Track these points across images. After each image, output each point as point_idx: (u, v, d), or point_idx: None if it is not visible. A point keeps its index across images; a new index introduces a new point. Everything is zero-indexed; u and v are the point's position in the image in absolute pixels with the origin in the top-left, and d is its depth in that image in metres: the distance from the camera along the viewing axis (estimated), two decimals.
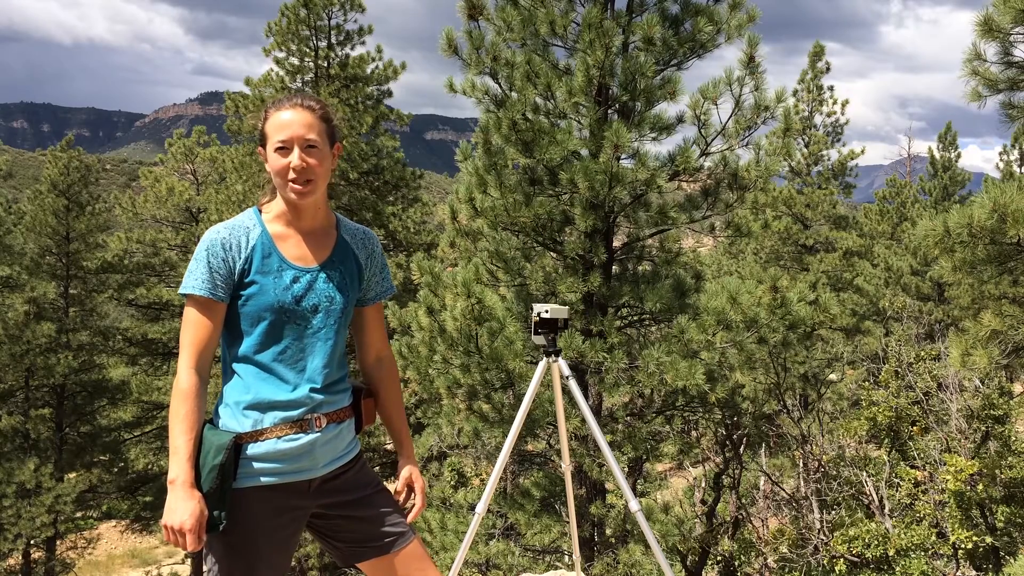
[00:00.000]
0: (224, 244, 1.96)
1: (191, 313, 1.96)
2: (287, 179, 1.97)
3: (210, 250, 1.95)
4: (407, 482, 2.25)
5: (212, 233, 1.97)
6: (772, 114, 6.56)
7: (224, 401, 2.01)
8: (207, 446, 1.92)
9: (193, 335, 1.96)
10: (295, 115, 1.98)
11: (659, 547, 2.31)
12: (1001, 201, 5.30)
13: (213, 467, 1.89)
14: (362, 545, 2.13)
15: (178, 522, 1.84)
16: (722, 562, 9.68)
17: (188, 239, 21.21)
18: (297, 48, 15.93)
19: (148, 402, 20.68)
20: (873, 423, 9.66)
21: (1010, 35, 5.71)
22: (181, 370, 1.94)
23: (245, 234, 2.00)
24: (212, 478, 1.88)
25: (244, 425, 1.96)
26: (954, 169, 21.38)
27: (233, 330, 2.02)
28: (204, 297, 1.95)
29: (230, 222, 2.01)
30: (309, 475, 2.03)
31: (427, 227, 19.43)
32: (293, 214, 2.05)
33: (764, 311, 6.66)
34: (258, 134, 2.04)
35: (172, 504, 1.85)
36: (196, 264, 1.95)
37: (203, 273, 1.94)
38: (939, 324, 18.57)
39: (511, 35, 6.80)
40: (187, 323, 1.96)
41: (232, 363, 2.03)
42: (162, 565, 24.27)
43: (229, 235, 1.98)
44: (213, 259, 1.95)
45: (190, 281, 1.95)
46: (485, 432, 7.31)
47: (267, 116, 2.02)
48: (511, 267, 7.08)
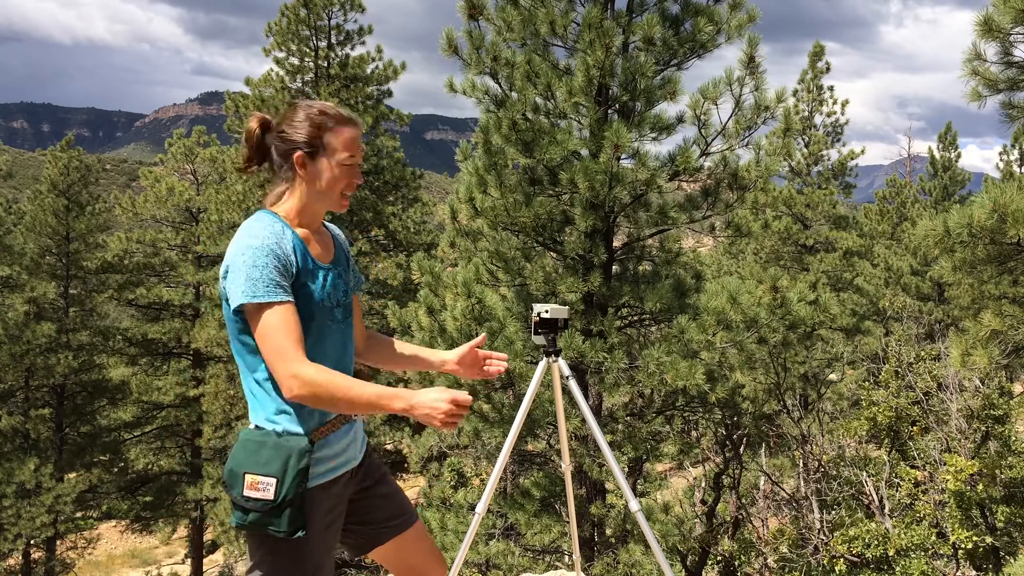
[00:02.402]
0: (278, 250, 1.93)
1: (277, 317, 1.89)
2: (343, 193, 2.04)
3: (270, 257, 1.90)
4: (467, 356, 2.30)
5: (258, 240, 1.91)
6: (772, 114, 6.57)
7: (279, 409, 1.97)
8: (285, 452, 1.90)
9: (293, 334, 1.89)
10: (358, 133, 2.04)
11: (659, 547, 2.31)
12: (1001, 201, 5.30)
13: (298, 471, 1.88)
14: (384, 525, 2.21)
15: (443, 399, 1.87)
16: (722, 562, 9.68)
17: (188, 239, 21.21)
18: (297, 48, 15.94)
19: (148, 402, 20.68)
20: (873, 423, 9.66)
21: (1010, 35, 5.71)
22: (303, 367, 1.86)
23: (285, 238, 1.98)
24: (297, 483, 1.88)
25: (308, 426, 1.97)
26: (954, 169, 21.38)
27: None
28: (286, 301, 1.91)
29: (264, 229, 1.95)
30: (353, 463, 2.12)
31: (427, 227, 19.44)
32: (309, 217, 2.06)
33: (764, 311, 6.66)
34: (308, 141, 2.00)
35: (425, 400, 1.88)
36: (261, 272, 1.88)
37: (274, 278, 1.90)
38: (939, 324, 18.57)
39: (511, 35, 6.81)
40: (277, 327, 1.88)
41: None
42: (162, 565, 24.27)
43: (276, 241, 1.94)
44: (279, 264, 1.92)
45: (264, 289, 1.88)
46: (485, 432, 7.31)
47: (330, 126, 2.01)
48: (511, 267, 7.09)
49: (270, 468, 1.88)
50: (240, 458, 1.92)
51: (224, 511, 15.22)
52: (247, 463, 1.90)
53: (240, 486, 1.88)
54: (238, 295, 1.88)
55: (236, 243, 1.93)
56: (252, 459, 1.90)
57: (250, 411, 2.02)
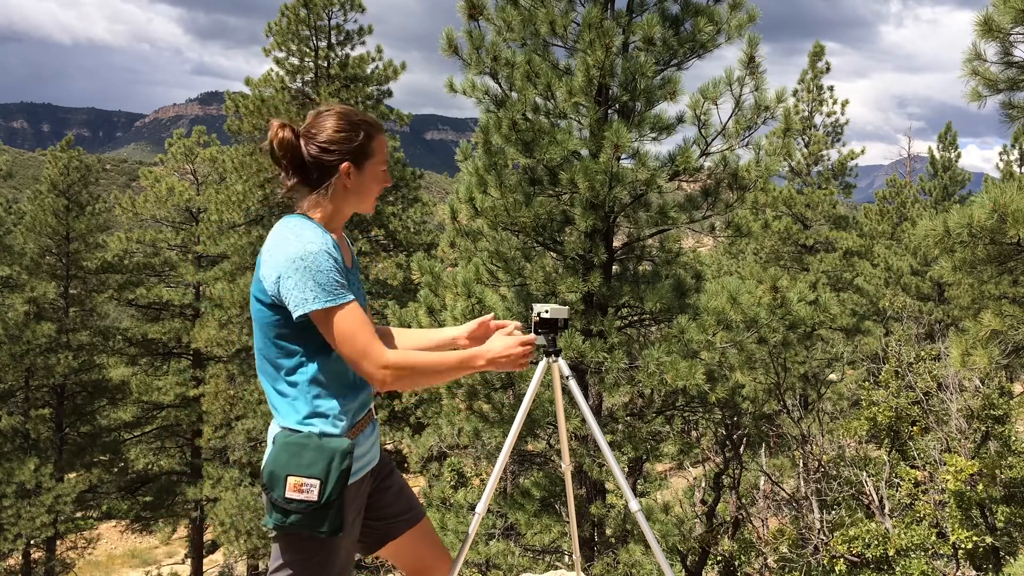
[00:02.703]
0: (334, 252, 1.95)
1: (351, 316, 1.92)
2: (377, 195, 2.13)
3: (330, 260, 1.92)
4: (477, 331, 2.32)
5: (315, 246, 1.92)
6: (772, 114, 6.57)
7: (313, 413, 1.98)
8: (328, 454, 1.92)
9: (368, 328, 1.95)
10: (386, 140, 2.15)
11: (659, 547, 2.31)
12: (1001, 201, 5.30)
13: (341, 472, 1.91)
14: (397, 519, 2.25)
15: (513, 343, 2.05)
16: (722, 562, 9.67)
17: (188, 239, 21.21)
18: (297, 48, 15.94)
19: (148, 402, 20.69)
20: (873, 423, 9.66)
21: (1010, 35, 5.71)
22: (388, 357, 1.93)
23: (332, 246, 1.98)
24: (341, 484, 1.91)
25: (342, 428, 1.99)
26: (954, 169, 21.38)
27: (313, 340, 1.98)
28: (353, 299, 1.95)
29: (315, 234, 1.96)
30: (375, 463, 2.17)
31: (427, 227, 19.44)
32: (338, 222, 2.10)
33: (764, 311, 6.66)
34: (355, 147, 2.03)
35: (499, 350, 2.05)
36: (327, 276, 1.90)
37: (339, 280, 1.92)
38: (939, 324, 18.57)
39: (511, 35, 6.81)
40: (354, 326, 1.92)
41: (317, 374, 1.99)
42: (162, 565, 24.27)
43: (331, 245, 1.96)
44: (337, 266, 1.94)
45: (334, 293, 1.90)
46: (485, 432, 7.31)
47: (373, 133, 2.07)
48: (511, 267, 7.08)
49: (314, 470, 1.89)
50: (283, 460, 1.92)
51: (224, 511, 15.21)
52: (290, 465, 1.90)
53: (282, 488, 1.89)
54: (305, 302, 1.88)
55: (287, 249, 1.91)
56: (295, 461, 1.91)
57: (279, 414, 2.01)
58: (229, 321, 15.55)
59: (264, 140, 13.75)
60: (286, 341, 1.97)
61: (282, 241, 1.94)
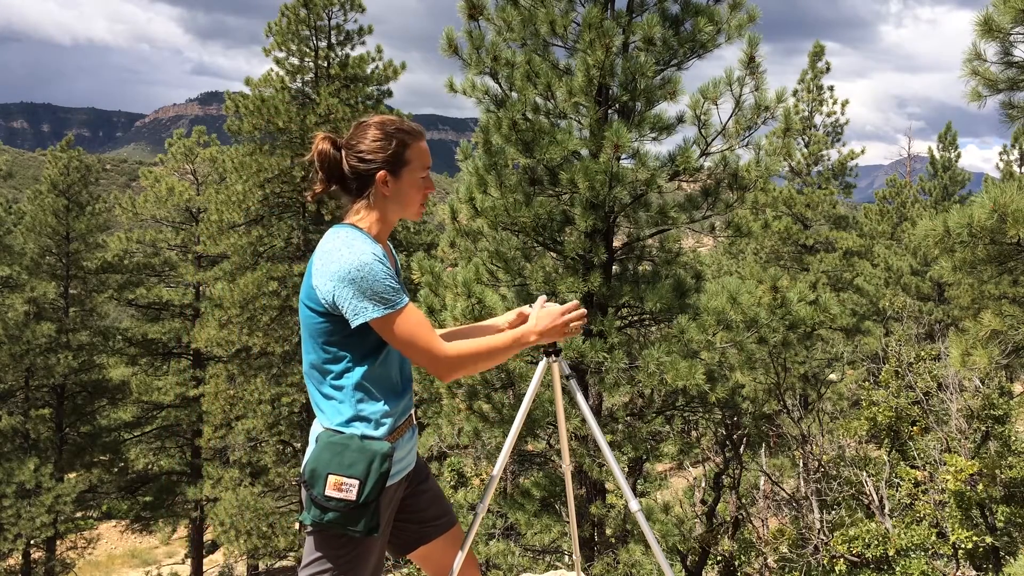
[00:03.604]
0: (384, 263, 2.00)
1: (410, 320, 2.00)
2: (421, 203, 2.14)
3: (382, 267, 1.98)
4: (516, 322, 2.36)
5: (367, 256, 1.97)
6: (772, 114, 6.56)
7: (356, 416, 2.04)
8: (368, 456, 1.98)
9: (427, 328, 2.03)
10: (426, 143, 2.15)
11: (659, 547, 2.31)
12: (1001, 201, 5.30)
13: (380, 474, 1.98)
14: (431, 523, 2.30)
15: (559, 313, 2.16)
16: (722, 562, 9.67)
17: (188, 239, 21.21)
18: (297, 48, 15.93)
19: (148, 402, 20.68)
20: (873, 423, 9.66)
21: (1010, 35, 5.71)
22: (448, 354, 2.02)
23: (382, 255, 2.03)
24: (380, 486, 1.98)
25: (383, 432, 2.05)
26: (954, 169, 21.39)
27: (365, 348, 2.04)
28: (408, 302, 2.02)
29: (365, 243, 2.01)
30: (411, 467, 2.21)
31: (427, 227, 19.45)
32: (384, 231, 2.14)
33: (764, 311, 6.66)
34: (388, 158, 2.07)
35: (547, 323, 2.16)
36: (383, 284, 1.96)
37: (393, 285, 1.99)
38: (939, 324, 18.58)
39: (511, 35, 6.80)
40: (414, 330, 2.00)
41: (361, 379, 2.05)
42: (162, 565, 24.27)
43: (381, 253, 2.02)
44: (388, 271, 1.99)
45: (391, 299, 1.97)
46: (485, 432, 7.31)
47: (408, 142, 2.10)
48: (511, 267, 7.08)
49: (355, 470, 1.96)
50: (325, 459, 1.98)
51: (224, 511, 15.20)
52: (331, 464, 1.97)
53: (322, 485, 1.96)
54: (365, 311, 1.95)
55: (341, 260, 1.97)
56: (336, 460, 1.97)
57: (323, 415, 2.07)
58: (229, 321, 15.54)
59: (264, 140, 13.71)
60: (335, 347, 2.04)
61: (334, 252, 2.00)
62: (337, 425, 2.04)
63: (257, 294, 15.08)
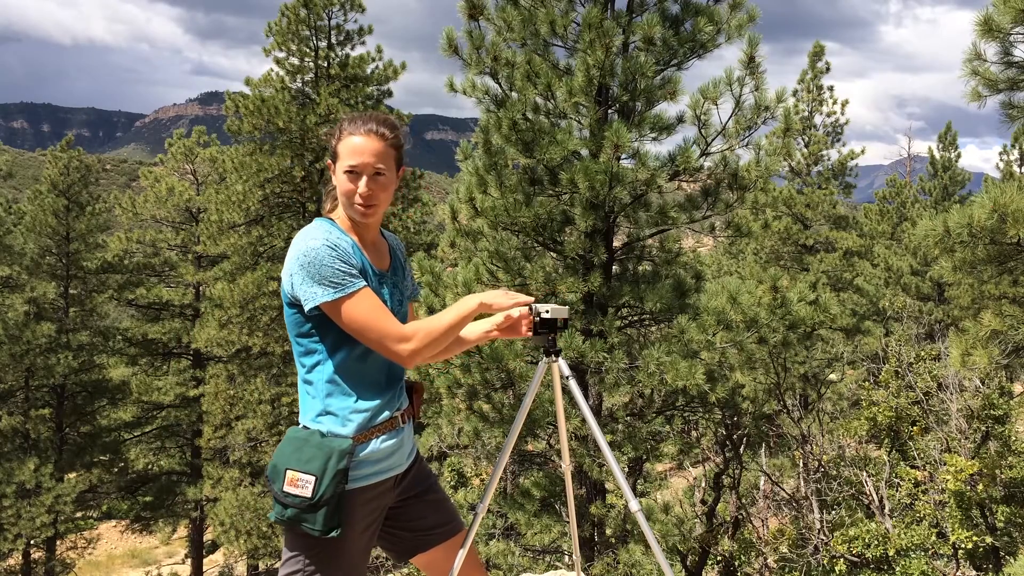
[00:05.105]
0: (338, 243, 1.96)
1: (363, 304, 1.94)
2: (353, 202, 2.02)
3: (331, 252, 1.93)
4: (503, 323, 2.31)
5: (316, 241, 1.94)
6: (772, 114, 6.56)
7: (324, 411, 2.02)
8: (326, 452, 1.94)
9: (383, 312, 1.97)
10: (367, 143, 2.00)
11: (659, 547, 2.31)
12: (1001, 201, 5.30)
13: (337, 471, 1.93)
14: (430, 532, 2.25)
15: (502, 293, 2.10)
16: (722, 562, 9.67)
17: (188, 239, 21.20)
18: (297, 48, 15.92)
19: (148, 402, 20.68)
20: (873, 423, 9.66)
21: (1010, 35, 5.71)
22: (407, 338, 1.96)
23: (343, 240, 2.00)
24: (336, 483, 1.92)
25: (351, 429, 2.00)
26: (954, 169, 21.39)
27: (333, 340, 2.01)
28: (363, 286, 1.96)
29: (318, 231, 1.98)
30: (398, 470, 2.14)
31: (427, 227, 19.46)
32: (362, 227, 2.10)
33: (764, 311, 6.66)
34: (331, 150, 2.06)
35: (494, 294, 2.11)
36: (330, 269, 1.92)
37: (342, 270, 1.93)
38: (939, 324, 18.57)
39: (511, 35, 6.80)
40: (368, 314, 1.94)
41: (332, 373, 2.02)
42: (162, 565, 24.27)
43: (336, 240, 1.97)
44: (340, 256, 1.95)
45: (339, 283, 1.92)
46: (485, 432, 7.31)
47: (341, 135, 2.04)
48: (511, 267, 7.08)
49: (311, 466, 1.93)
50: (285, 453, 1.96)
51: (224, 511, 15.22)
52: (290, 459, 1.95)
53: (281, 481, 1.94)
54: (315, 296, 1.92)
55: (294, 248, 1.97)
56: (296, 455, 1.95)
57: (301, 410, 2.08)
58: (229, 321, 15.54)
59: (264, 140, 13.70)
60: (306, 339, 2.03)
61: (294, 243, 2.00)
62: (309, 420, 2.02)
63: (257, 294, 15.08)
